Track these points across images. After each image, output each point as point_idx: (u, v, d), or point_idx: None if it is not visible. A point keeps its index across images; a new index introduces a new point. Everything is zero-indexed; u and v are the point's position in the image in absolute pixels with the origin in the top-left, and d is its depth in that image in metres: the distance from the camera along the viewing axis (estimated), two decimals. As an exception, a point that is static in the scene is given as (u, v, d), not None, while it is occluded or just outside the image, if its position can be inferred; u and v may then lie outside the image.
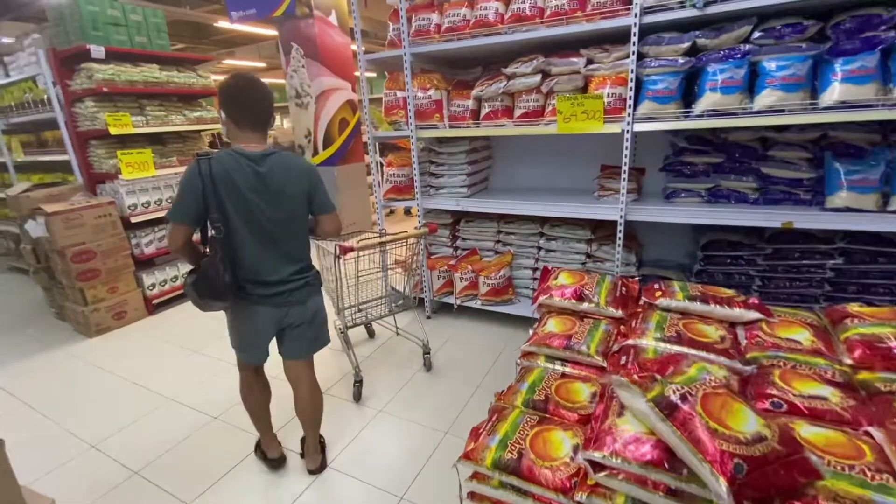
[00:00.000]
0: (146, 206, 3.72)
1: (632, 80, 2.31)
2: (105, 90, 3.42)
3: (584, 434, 1.26)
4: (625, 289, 1.97)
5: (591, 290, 1.91)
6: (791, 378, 1.28)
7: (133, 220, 3.63)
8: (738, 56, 2.11)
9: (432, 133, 3.01)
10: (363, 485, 1.91)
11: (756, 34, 2.11)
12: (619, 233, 2.59)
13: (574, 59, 2.53)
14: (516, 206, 2.95)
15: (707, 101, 2.18)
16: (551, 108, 2.61)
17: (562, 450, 1.22)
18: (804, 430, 1.11)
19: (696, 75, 2.26)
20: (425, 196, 3.25)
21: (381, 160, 3.33)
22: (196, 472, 2.03)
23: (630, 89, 2.32)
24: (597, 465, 1.11)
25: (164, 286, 3.93)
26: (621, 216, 2.54)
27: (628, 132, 2.38)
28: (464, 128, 2.92)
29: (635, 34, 2.25)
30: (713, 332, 1.54)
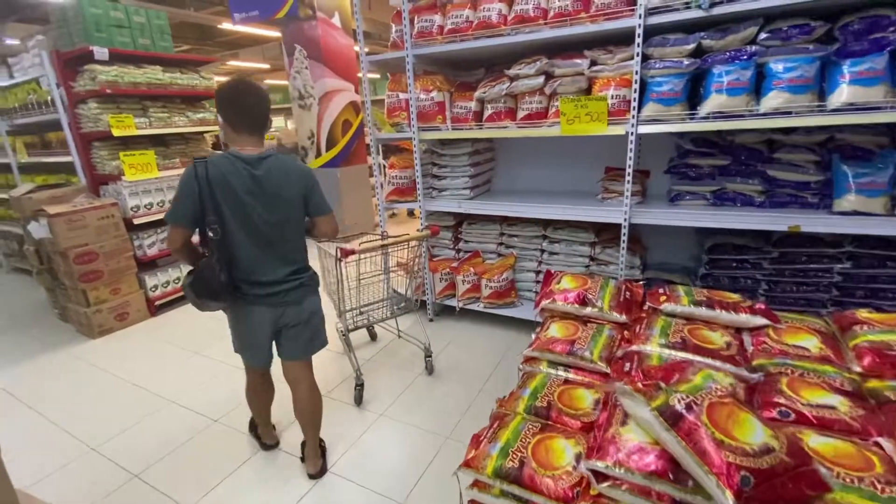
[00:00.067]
0: (149, 207, 3.72)
1: (636, 81, 2.28)
2: (108, 92, 3.42)
3: (586, 442, 1.24)
4: (629, 293, 1.94)
5: (594, 294, 1.88)
6: (799, 386, 1.25)
7: (136, 222, 3.64)
8: (745, 57, 2.08)
9: (435, 135, 3.00)
10: (364, 490, 1.89)
11: (762, 35, 2.08)
12: (624, 236, 2.56)
13: (578, 61, 2.51)
14: (519, 209, 2.93)
15: (713, 102, 2.16)
16: (555, 109, 2.59)
17: (564, 458, 1.20)
18: (812, 441, 1.08)
19: (702, 77, 2.23)
20: (428, 198, 3.23)
21: (383, 162, 3.32)
22: (196, 476, 2.02)
23: (634, 91, 2.30)
24: (600, 475, 1.08)
25: (166, 287, 3.93)
26: (625, 219, 2.51)
27: (632, 134, 2.36)
28: (466, 130, 2.90)
29: (640, 35, 2.23)
30: (719, 339, 1.51)
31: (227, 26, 7.49)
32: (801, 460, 0.96)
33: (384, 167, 3.29)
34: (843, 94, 1.93)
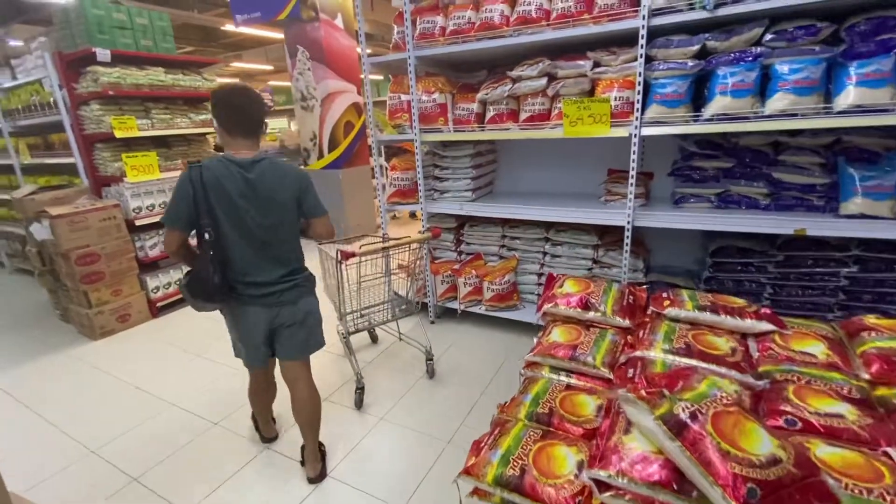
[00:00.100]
0: (151, 209, 3.72)
1: (640, 83, 2.26)
2: (111, 93, 3.42)
3: (589, 450, 1.22)
4: (632, 297, 1.92)
5: (597, 298, 1.86)
6: (806, 394, 1.23)
7: (138, 223, 3.63)
8: (750, 59, 2.06)
9: (436, 137, 2.98)
10: (363, 495, 1.88)
11: (768, 36, 2.06)
12: (627, 239, 2.54)
13: (581, 62, 2.49)
14: (521, 211, 2.91)
15: (717, 104, 2.13)
16: (557, 111, 2.57)
17: (566, 466, 1.18)
18: (819, 451, 1.06)
19: (706, 78, 2.21)
20: (429, 200, 3.22)
21: (385, 164, 3.30)
22: (195, 480, 2.01)
23: (638, 93, 2.28)
24: (602, 485, 1.07)
25: (167, 289, 3.93)
26: (629, 221, 2.49)
27: (636, 136, 2.34)
28: (468, 131, 2.89)
29: (643, 37, 2.20)
30: (724, 344, 1.49)
31: (230, 28, 7.50)
32: (808, 471, 0.94)
33: (386, 169, 3.27)
34: (850, 95, 1.91)
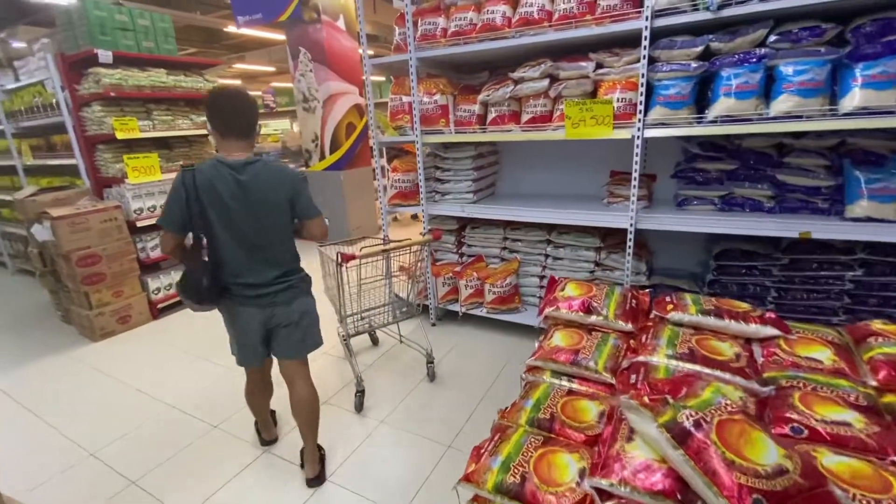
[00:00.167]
0: (152, 210, 3.72)
1: (642, 84, 2.25)
2: (112, 95, 3.42)
3: (590, 457, 1.20)
4: (635, 301, 1.90)
5: (599, 302, 1.84)
6: (812, 401, 1.21)
7: (139, 224, 3.63)
8: (754, 60, 2.04)
9: (438, 138, 2.97)
10: (363, 500, 1.86)
11: (772, 38, 2.03)
12: (630, 241, 2.52)
13: (583, 64, 2.47)
14: (523, 213, 2.89)
15: (721, 106, 2.11)
16: (559, 113, 2.56)
17: (567, 474, 1.16)
18: (826, 460, 1.04)
19: (710, 80, 2.19)
20: (430, 202, 3.20)
21: (386, 165, 3.29)
22: (194, 483, 2.00)
23: (641, 94, 2.26)
24: (604, 493, 1.05)
25: (168, 290, 3.92)
26: (631, 224, 2.47)
27: (639, 138, 2.32)
28: (470, 133, 2.87)
29: (646, 38, 2.19)
30: (728, 350, 1.47)
31: (232, 29, 7.52)
32: (815, 482, 0.92)
33: (387, 170, 3.26)
34: (855, 97, 1.88)
